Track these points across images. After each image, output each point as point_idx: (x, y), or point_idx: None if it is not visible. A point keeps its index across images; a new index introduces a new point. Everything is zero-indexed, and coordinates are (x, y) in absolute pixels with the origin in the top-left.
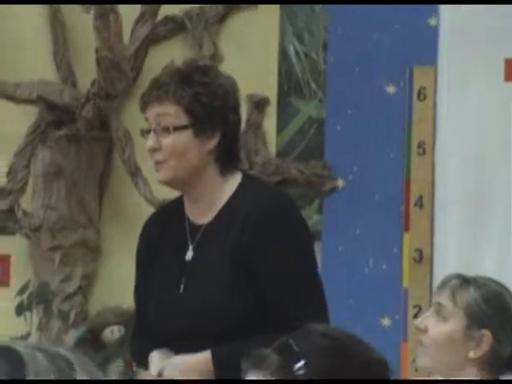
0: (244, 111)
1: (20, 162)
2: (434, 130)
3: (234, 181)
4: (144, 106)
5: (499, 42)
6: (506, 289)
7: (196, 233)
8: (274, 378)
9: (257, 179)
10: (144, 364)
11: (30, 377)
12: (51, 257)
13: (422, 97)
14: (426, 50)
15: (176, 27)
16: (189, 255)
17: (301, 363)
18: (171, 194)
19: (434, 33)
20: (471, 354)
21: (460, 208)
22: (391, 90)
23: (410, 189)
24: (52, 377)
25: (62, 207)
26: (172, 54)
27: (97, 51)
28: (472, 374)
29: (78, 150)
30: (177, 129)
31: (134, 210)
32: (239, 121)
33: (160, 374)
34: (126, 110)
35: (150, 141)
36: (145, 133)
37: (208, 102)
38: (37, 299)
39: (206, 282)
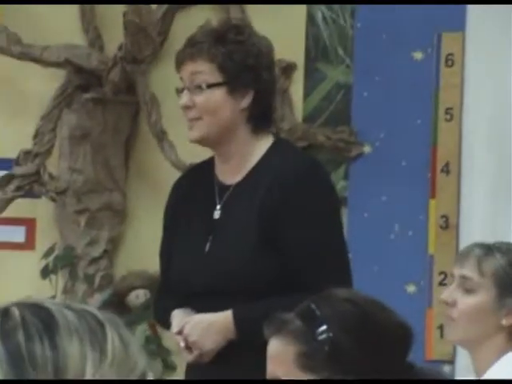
0: None
1: (46, 125)
2: (461, 97)
3: (266, 143)
4: (178, 65)
5: None
6: None
7: (224, 192)
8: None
9: (289, 143)
10: (167, 324)
11: (64, 335)
12: (77, 220)
13: (449, 63)
14: (454, 17)
15: None
16: (216, 214)
17: (323, 328)
18: (197, 157)
19: None
20: (503, 322)
21: (487, 175)
22: (419, 56)
23: (437, 155)
24: (76, 337)
25: (88, 170)
26: (199, 19)
27: (124, 15)
28: (501, 341)
29: (105, 113)
30: (210, 86)
31: (160, 174)
32: (273, 81)
33: (181, 332)
34: (153, 74)
35: (184, 98)
36: (179, 91)
37: (241, 60)
38: (62, 262)
39: (233, 241)
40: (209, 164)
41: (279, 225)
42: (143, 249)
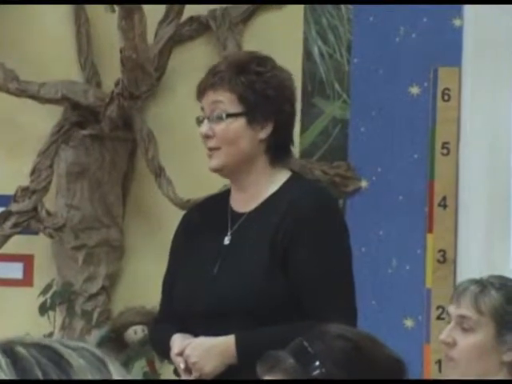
0: None
1: (44, 162)
2: (457, 131)
3: (284, 175)
4: (200, 94)
5: None
6: None
7: (237, 220)
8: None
9: (306, 178)
10: (165, 351)
11: (80, 375)
12: (75, 256)
13: (446, 98)
14: (451, 51)
15: (200, 27)
16: (227, 240)
17: (316, 364)
18: (195, 194)
19: (458, 33)
20: (505, 358)
21: (484, 209)
22: (415, 90)
23: (434, 190)
24: (89, 375)
25: (85, 207)
26: (196, 54)
27: (121, 51)
28: (505, 377)
29: (102, 149)
30: (230, 116)
31: (158, 210)
32: (293, 114)
33: (181, 353)
34: (150, 110)
35: (204, 127)
36: (199, 121)
37: (261, 91)
38: (60, 299)
39: (242, 264)
40: (224, 195)
41: (290, 251)
42: (141, 285)
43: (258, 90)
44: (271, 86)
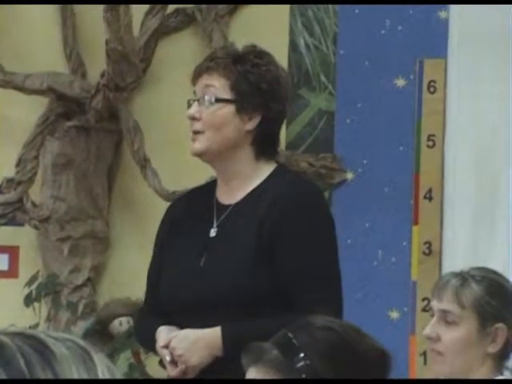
0: None
1: (29, 153)
2: (443, 123)
3: (268, 168)
4: (195, 78)
5: (509, 35)
6: (500, 274)
7: (222, 212)
8: (274, 378)
9: (291, 170)
10: (151, 343)
11: (63, 364)
12: (60, 248)
13: (431, 90)
14: (436, 43)
15: (186, 19)
16: (212, 232)
17: (300, 355)
18: (180, 185)
19: (444, 26)
20: (489, 350)
21: (469, 201)
22: (401, 82)
23: (420, 182)
24: (73, 364)
25: (70, 198)
26: (182, 45)
27: (107, 43)
28: (489, 369)
29: (88, 141)
30: (219, 101)
31: (143, 202)
32: (283, 112)
33: (167, 346)
34: (136, 102)
35: (192, 109)
36: (190, 104)
37: (255, 82)
38: (45, 290)
39: (228, 257)
40: (209, 186)
41: (276, 243)
42: (126, 276)
43: (251, 80)
44: (265, 79)
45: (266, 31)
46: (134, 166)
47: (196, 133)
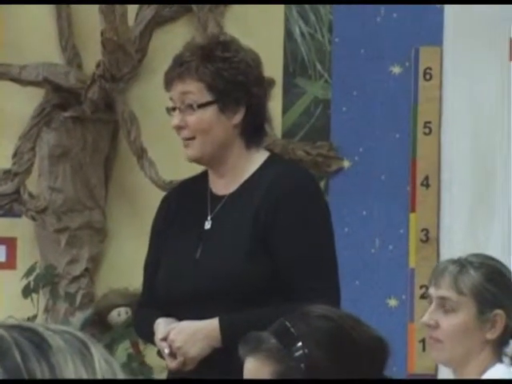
0: None
1: (25, 145)
2: (439, 110)
3: (261, 157)
4: (168, 85)
5: (504, 22)
6: (498, 260)
7: (217, 203)
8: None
9: (284, 158)
10: (149, 335)
11: (58, 356)
12: (57, 239)
13: (427, 77)
14: (432, 31)
15: (181, 9)
16: (207, 224)
17: (298, 345)
18: (177, 175)
19: (439, 13)
20: (488, 336)
21: (466, 188)
22: (397, 70)
23: (416, 169)
24: (69, 356)
25: (67, 189)
26: (177, 35)
27: (102, 33)
28: (488, 355)
29: (84, 131)
30: (201, 106)
31: (140, 192)
32: (264, 94)
33: (165, 338)
34: (132, 92)
35: (175, 119)
36: (170, 111)
37: (230, 77)
38: (43, 281)
39: (224, 248)
40: (203, 177)
41: (271, 232)
42: (124, 267)
43: (226, 77)
44: (240, 71)
45: (262, 20)
46: (131, 157)
47: (187, 139)
